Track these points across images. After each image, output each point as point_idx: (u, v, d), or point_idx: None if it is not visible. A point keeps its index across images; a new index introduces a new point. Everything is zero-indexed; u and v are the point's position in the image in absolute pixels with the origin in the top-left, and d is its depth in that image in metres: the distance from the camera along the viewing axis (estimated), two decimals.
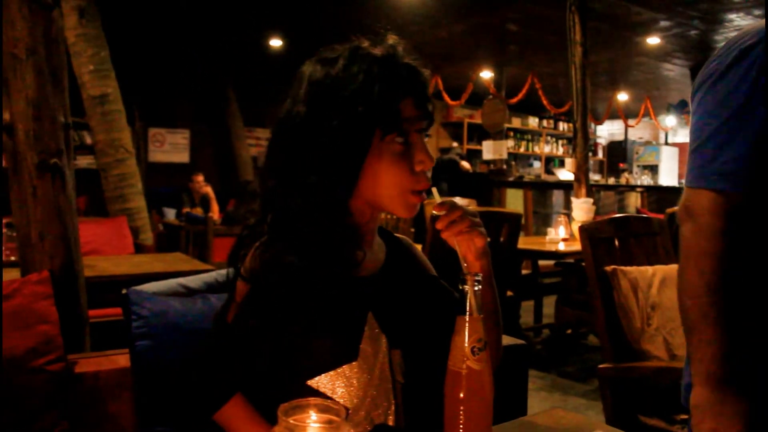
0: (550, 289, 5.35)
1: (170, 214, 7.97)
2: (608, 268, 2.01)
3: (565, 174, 9.94)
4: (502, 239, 3.68)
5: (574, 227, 4.29)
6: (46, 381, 1.35)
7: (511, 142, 11.64)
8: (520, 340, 1.69)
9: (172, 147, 9.30)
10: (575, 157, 5.20)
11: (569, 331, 4.74)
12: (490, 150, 8.84)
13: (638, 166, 12.84)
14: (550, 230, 4.67)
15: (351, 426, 0.98)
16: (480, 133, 10.74)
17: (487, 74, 9.26)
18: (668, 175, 12.54)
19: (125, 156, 4.96)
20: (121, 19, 6.05)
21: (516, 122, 12.10)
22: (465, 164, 8.86)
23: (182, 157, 9.36)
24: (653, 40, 7.61)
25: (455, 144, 11.30)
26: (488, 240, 1.05)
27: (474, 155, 10.89)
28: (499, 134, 9.01)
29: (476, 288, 0.87)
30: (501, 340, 1.14)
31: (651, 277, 2.02)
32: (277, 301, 1.00)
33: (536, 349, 4.53)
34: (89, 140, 6.19)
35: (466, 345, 0.85)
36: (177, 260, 3.35)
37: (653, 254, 2.21)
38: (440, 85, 8.64)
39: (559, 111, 10.01)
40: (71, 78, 2.05)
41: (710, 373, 0.95)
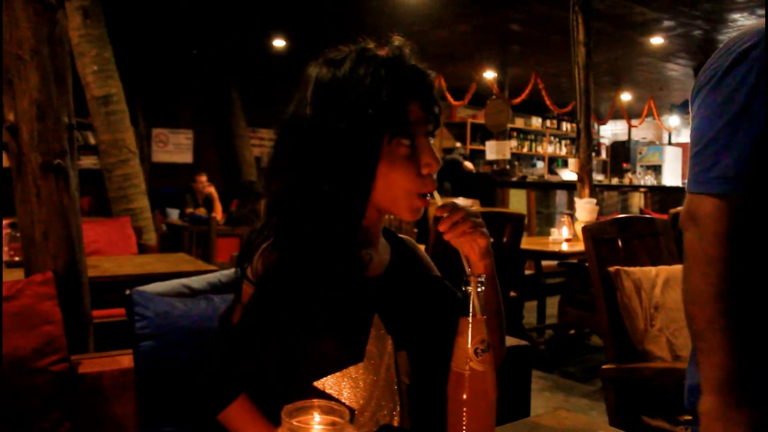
0: (554, 289, 5.34)
1: (173, 214, 7.99)
2: (611, 269, 2.01)
3: (569, 174, 9.94)
4: (505, 240, 3.68)
5: (578, 227, 4.28)
6: (50, 381, 1.35)
7: (514, 143, 11.63)
8: (523, 341, 1.69)
9: (175, 147, 9.32)
10: (578, 158, 5.20)
11: (572, 332, 4.73)
12: (493, 150, 8.85)
13: (641, 166, 12.83)
14: (554, 230, 4.67)
15: (356, 427, 0.98)
16: (483, 134, 10.74)
17: (490, 74, 9.27)
18: (672, 176, 12.53)
19: (129, 156, 4.97)
20: (124, 19, 6.06)
21: (519, 122, 12.10)
22: (468, 164, 8.87)
23: (185, 157, 9.37)
24: (657, 40, 7.60)
25: (458, 144, 11.29)
26: (491, 240, 1.05)
27: (477, 155, 10.89)
28: (502, 134, 9.02)
29: (479, 289, 0.87)
30: (504, 340, 1.14)
31: (654, 278, 2.01)
32: (282, 302, 0.99)
33: (539, 349, 4.52)
34: (93, 140, 6.22)
35: (469, 346, 0.85)
36: (180, 260, 3.35)
37: (657, 255, 2.20)
38: (443, 85, 8.64)
39: (563, 111, 10.02)
40: (75, 78, 2.05)
41: (718, 380, 0.94)
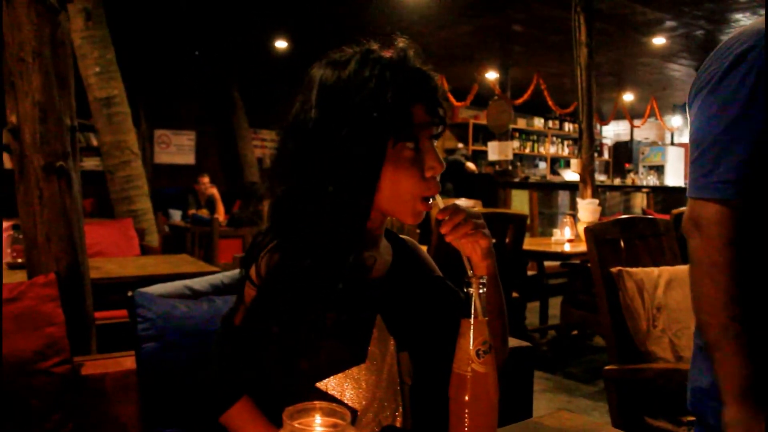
0: (556, 290, 5.34)
1: (176, 215, 8.00)
2: (614, 270, 2.01)
3: (571, 175, 9.91)
4: (507, 240, 3.68)
5: (580, 228, 4.28)
6: (52, 383, 1.36)
7: (516, 143, 11.62)
8: (526, 342, 1.68)
9: (177, 148, 9.32)
10: (581, 158, 5.19)
11: (575, 333, 4.73)
12: (495, 151, 8.84)
13: (644, 166, 12.83)
14: (556, 231, 4.66)
15: (359, 428, 0.98)
16: (485, 134, 10.73)
17: (492, 75, 9.26)
18: (674, 176, 12.51)
19: (131, 158, 4.98)
20: (127, 21, 6.07)
21: (521, 123, 12.08)
22: (470, 165, 8.85)
23: (188, 158, 9.38)
24: (659, 41, 7.59)
25: (460, 145, 11.27)
26: (493, 241, 1.04)
27: (479, 156, 10.88)
28: (505, 135, 9.01)
29: (481, 291, 0.87)
30: (507, 340, 1.14)
31: (657, 279, 2.01)
32: (285, 304, 0.99)
33: (542, 350, 4.52)
34: (95, 142, 6.23)
35: (471, 348, 0.85)
36: (183, 262, 3.35)
37: (659, 255, 2.20)
38: (445, 86, 8.63)
39: (565, 112, 10.01)
40: (77, 80, 2.06)
41: (739, 388, 0.92)
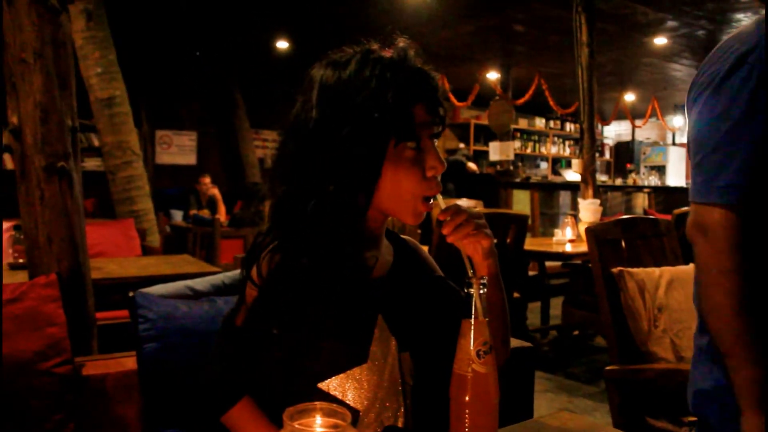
0: (557, 290, 5.33)
1: (177, 215, 8.01)
2: (615, 270, 2.01)
3: (572, 175, 9.90)
4: (508, 240, 3.68)
5: (581, 228, 4.27)
6: (54, 383, 1.36)
7: (517, 143, 11.61)
8: (527, 342, 1.68)
9: (179, 149, 9.33)
10: (582, 158, 5.19)
11: (576, 333, 4.73)
12: (496, 151, 8.83)
13: (645, 166, 12.82)
14: (557, 231, 4.66)
15: (361, 428, 0.98)
16: (486, 134, 10.72)
17: (493, 75, 9.26)
18: (676, 176, 12.51)
19: (132, 158, 4.99)
20: (128, 21, 6.08)
21: (523, 123, 12.07)
22: (472, 165, 8.85)
23: (189, 159, 9.38)
24: (660, 41, 7.58)
25: (462, 145, 11.27)
26: (494, 241, 1.04)
27: (480, 156, 10.88)
28: (506, 135, 9.01)
29: (481, 291, 0.87)
30: (509, 340, 1.14)
31: (658, 279, 2.00)
32: (287, 304, 0.99)
33: (543, 350, 4.52)
34: (97, 142, 6.22)
35: (472, 348, 0.85)
36: (184, 262, 3.36)
37: (660, 256, 2.20)
38: (447, 86, 8.63)
39: (566, 112, 10.01)
40: (78, 81, 2.06)
41: (756, 395, 0.91)
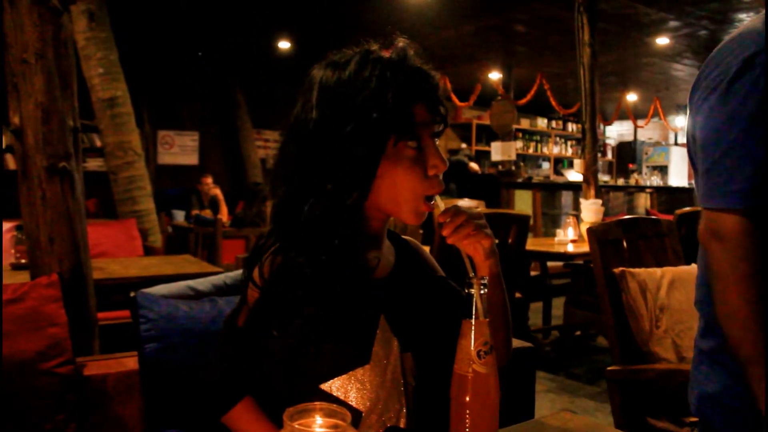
0: (559, 290, 5.33)
1: (179, 216, 8.02)
2: (617, 270, 2.00)
3: (574, 175, 9.89)
4: (510, 241, 3.67)
5: (583, 228, 4.27)
6: (55, 383, 1.36)
7: (519, 144, 11.61)
8: (528, 343, 1.68)
9: (180, 149, 9.34)
10: (584, 158, 5.18)
11: (578, 333, 4.73)
12: (498, 151, 8.82)
13: (647, 166, 12.80)
14: (559, 231, 4.66)
15: (363, 429, 0.98)
16: (488, 135, 10.72)
17: (495, 75, 9.25)
18: (678, 176, 12.49)
19: (134, 158, 4.99)
20: (130, 22, 6.08)
21: (525, 123, 12.07)
22: (474, 166, 8.84)
23: (191, 159, 9.39)
24: (662, 41, 7.57)
25: (464, 145, 11.28)
26: (495, 241, 1.04)
27: (482, 156, 10.87)
28: (508, 135, 8.99)
29: (482, 291, 0.86)
30: (511, 339, 1.14)
31: (660, 279, 2.00)
32: (289, 305, 0.99)
33: (545, 350, 4.51)
34: (99, 143, 6.23)
35: (472, 348, 0.85)
36: (186, 262, 3.36)
37: (662, 256, 2.20)
38: (448, 86, 8.63)
39: (568, 112, 9.98)
40: (80, 81, 2.06)
41: None
